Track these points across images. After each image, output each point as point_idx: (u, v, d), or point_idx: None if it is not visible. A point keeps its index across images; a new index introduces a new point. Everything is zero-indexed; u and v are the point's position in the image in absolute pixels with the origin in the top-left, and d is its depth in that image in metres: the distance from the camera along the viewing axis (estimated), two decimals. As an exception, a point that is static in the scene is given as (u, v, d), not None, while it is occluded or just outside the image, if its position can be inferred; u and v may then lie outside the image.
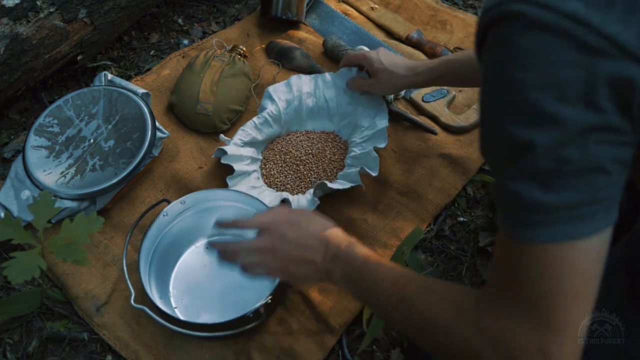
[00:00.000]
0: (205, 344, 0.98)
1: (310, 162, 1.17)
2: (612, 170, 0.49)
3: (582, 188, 0.49)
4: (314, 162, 1.17)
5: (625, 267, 0.73)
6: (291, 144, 1.20)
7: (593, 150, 0.48)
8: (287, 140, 1.22)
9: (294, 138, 1.22)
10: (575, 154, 0.48)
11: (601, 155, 0.48)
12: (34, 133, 1.14)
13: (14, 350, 1.00)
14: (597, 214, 0.50)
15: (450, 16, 1.55)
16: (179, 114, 1.28)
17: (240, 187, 1.11)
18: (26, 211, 1.06)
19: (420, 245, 1.13)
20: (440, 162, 1.22)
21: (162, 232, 1.04)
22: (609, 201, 0.51)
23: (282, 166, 1.18)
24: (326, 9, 1.54)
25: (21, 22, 1.17)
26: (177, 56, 1.41)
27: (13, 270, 0.82)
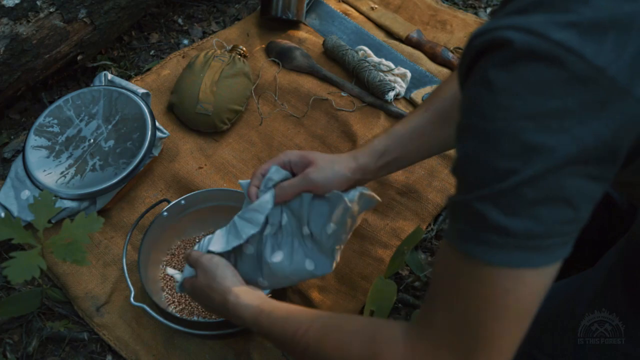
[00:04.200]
0: (205, 343, 0.99)
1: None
2: (581, 206, 0.49)
3: (547, 219, 0.48)
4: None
5: (624, 267, 0.73)
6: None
7: (568, 183, 0.47)
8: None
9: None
10: (550, 185, 0.47)
11: (574, 189, 0.48)
12: (34, 133, 1.14)
13: (14, 350, 1.00)
14: (554, 246, 0.49)
15: (450, 16, 1.55)
16: (179, 114, 1.28)
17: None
18: (26, 211, 1.06)
19: (420, 245, 1.13)
20: (440, 162, 1.22)
21: (162, 232, 1.04)
22: (569, 236, 0.50)
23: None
24: (326, 9, 1.54)
25: (21, 22, 1.17)
26: (177, 56, 1.41)
27: (13, 270, 0.82)
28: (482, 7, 1.64)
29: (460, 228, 0.52)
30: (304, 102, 1.32)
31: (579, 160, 0.46)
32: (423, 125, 0.85)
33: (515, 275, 0.50)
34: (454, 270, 0.53)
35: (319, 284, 1.05)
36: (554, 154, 0.46)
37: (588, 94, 0.45)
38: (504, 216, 0.48)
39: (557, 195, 0.47)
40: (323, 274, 0.84)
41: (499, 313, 0.51)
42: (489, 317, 0.51)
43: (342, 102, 1.32)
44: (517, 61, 0.46)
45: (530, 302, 0.51)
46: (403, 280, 1.08)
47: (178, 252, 1.08)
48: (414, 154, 0.86)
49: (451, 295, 0.54)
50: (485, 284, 0.51)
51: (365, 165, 0.84)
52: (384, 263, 1.07)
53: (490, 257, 0.50)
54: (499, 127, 0.48)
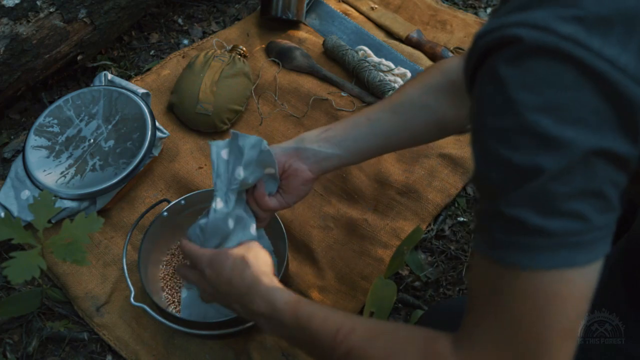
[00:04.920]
0: (205, 343, 0.99)
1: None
2: (611, 196, 0.48)
3: (583, 213, 0.47)
4: None
5: (624, 267, 0.73)
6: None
7: (595, 174, 0.47)
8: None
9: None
10: (577, 178, 0.46)
11: (602, 179, 0.47)
12: (34, 133, 1.14)
13: (14, 350, 1.00)
14: (596, 241, 0.48)
15: (450, 16, 1.55)
16: (179, 114, 1.28)
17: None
18: (26, 211, 1.06)
19: (420, 245, 1.13)
20: (440, 162, 1.22)
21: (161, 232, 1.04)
22: (607, 229, 0.49)
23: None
24: (326, 9, 1.54)
25: (21, 22, 1.17)
26: (177, 56, 1.41)
27: (13, 270, 0.82)
28: (482, 7, 1.64)
29: (492, 238, 0.50)
30: (304, 102, 1.32)
31: (601, 150, 0.46)
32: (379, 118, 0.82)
33: (560, 277, 0.48)
34: (494, 283, 0.51)
35: (319, 284, 1.05)
36: (575, 146, 0.46)
37: (600, 84, 0.45)
38: (538, 217, 0.47)
39: (587, 187, 0.47)
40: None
41: (550, 320, 0.49)
42: (539, 326, 0.49)
43: (342, 102, 1.32)
44: (527, 57, 0.46)
45: (580, 307, 0.49)
46: (403, 280, 1.08)
47: (178, 252, 1.08)
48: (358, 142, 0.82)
49: (496, 311, 0.51)
50: (531, 292, 0.48)
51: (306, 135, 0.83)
52: (384, 263, 1.07)
53: (531, 261, 0.48)
54: (515, 122, 0.47)
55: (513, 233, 0.49)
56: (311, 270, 1.07)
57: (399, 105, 0.83)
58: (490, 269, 0.51)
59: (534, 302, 0.49)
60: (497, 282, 0.50)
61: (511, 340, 0.50)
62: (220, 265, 0.74)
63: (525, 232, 0.48)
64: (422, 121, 0.82)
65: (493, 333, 0.51)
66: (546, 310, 0.48)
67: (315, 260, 1.08)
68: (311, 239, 1.10)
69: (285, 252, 0.96)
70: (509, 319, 0.50)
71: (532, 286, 0.48)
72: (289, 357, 0.97)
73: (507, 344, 0.50)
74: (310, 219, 1.13)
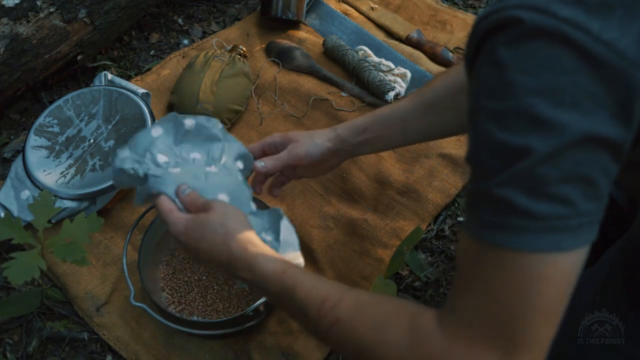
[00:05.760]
0: (205, 343, 0.99)
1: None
2: (600, 182, 0.48)
3: (571, 198, 0.47)
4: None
5: (624, 266, 0.73)
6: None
7: (586, 159, 0.47)
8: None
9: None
10: (568, 162, 0.47)
11: (592, 165, 0.47)
12: (34, 133, 1.14)
13: (14, 350, 1.00)
14: (582, 227, 0.49)
15: (450, 16, 1.55)
16: (179, 114, 1.28)
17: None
18: (26, 211, 1.06)
19: (420, 245, 1.13)
20: (440, 162, 1.22)
21: (161, 232, 1.04)
22: (594, 216, 0.49)
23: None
24: (326, 9, 1.54)
25: (21, 22, 1.17)
26: (177, 56, 1.41)
27: (13, 270, 0.82)
28: (482, 7, 1.64)
29: (480, 217, 0.51)
30: (304, 102, 1.32)
31: (594, 135, 0.46)
32: (408, 111, 0.87)
33: (545, 261, 0.48)
34: (479, 262, 0.52)
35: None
36: (568, 130, 0.46)
37: (597, 68, 0.45)
38: (526, 198, 0.47)
39: (576, 172, 0.47)
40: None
41: (531, 301, 0.49)
42: (520, 306, 0.50)
43: (342, 102, 1.32)
44: (526, 39, 0.47)
45: (563, 289, 0.50)
46: (403, 280, 1.08)
47: (178, 252, 1.08)
48: (394, 137, 0.89)
49: (480, 288, 0.52)
50: (515, 273, 0.49)
51: (344, 137, 0.89)
52: (384, 263, 1.07)
53: (517, 243, 0.48)
54: (511, 104, 0.47)
55: (500, 214, 0.49)
56: (311, 270, 1.07)
57: (432, 106, 0.86)
58: (476, 248, 0.52)
59: (517, 282, 0.49)
60: (483, 261, 0.51)
61: (493, 318, 0.51)
62: (198, 234, 0.70)
63: (512, 214, 0.48)
64: (455, 122, 0.86)
65: (476, 310, 0.52)
66: (528, 291, 0.49)
67: (315, 260, 1.08)
68: (311, 239, 1.10)
69: (285, 252, 0.96)
70: (491, 297, 0.51)
71: (516, 267, 0.49)
72: (289, 357, 0.97)
73: (488, 321, 0.51)
74: (310, 219, 1.13)
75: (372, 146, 0.91)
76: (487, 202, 0.50)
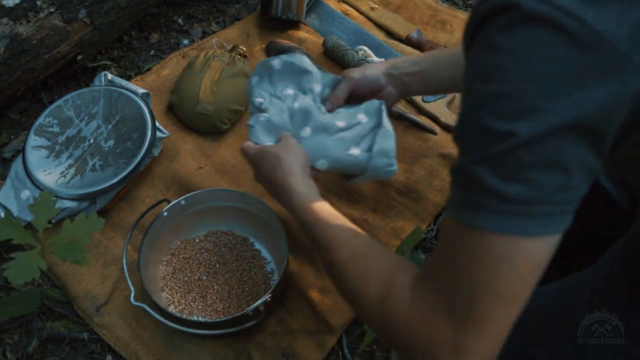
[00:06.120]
0: (205, 343, 0.99)
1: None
2: (576, 173, 0.49)
3: (542, 184, 0.48)
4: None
5: (624, 266, 0.73)
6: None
7: (565, 149, 0.48)
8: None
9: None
10: (547, 149, 0.48)
11: (570, 155, 0.48)
12: (34, 133, 1.14)
13: (14, 350, 1.00)
14: (549, 215, 0.49)
15: (450, 16, 1.55)
16: (179, 114, 1.28)
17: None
18: (26, 211, 1.06)
19: (420, 245, 1.13)
20: (440, 162, 1.22)
21: (161, 232, 1.04)
22: (565, 206, 0.50)
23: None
24: (326, 9, 1.54)
25: (21, 22, 1.17)
26: (177, 56, 1.41)
27: (13, 271, 0.82)
28: (482, 7, 1.64)
29: (458, 194, 0.53)
30: (304, 102, 1.32)
31: (576, 125, 0.47)
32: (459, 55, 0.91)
33: (509, 244, 0.50)
34: (451, 236, 0.54)
35: (319, 284, 1.05)
36: (552, 118, 0.47)
37: (588, 59, 0.46)
38: (498, 180, 0.49)
39: (553, 160, 0.48)
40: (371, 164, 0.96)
41: (489, 281, 0.51)
42: (479, 284, 0.51)
43: (342, 102, 1.32)
44: (521, 24, 0.47)
45: (525, 275, 0.51)
46: (403, 280, 1.08)
47: (178, 252, 1.08)
48: (444, 77, 1.00)
49: (448, 261, 0.55)
50: (479, 251, 0.51)
51: (396, 63, 1.01)
52: (384, 263, 1.07)
53: (484, 223, 0.50)
54: (499, 89, 0.49)
55: (472, 192, 0.51)
56: (311, 270, 1.07)
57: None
58: (451, 223, 0.54)
59: (480, 262, 0.51)
60: (454, 236, 0.54)
61: (453, 292, 0.54)
62: (259, 161, 0.89)
63: (483, 193, 0.50)
64: None
65: (441, 282, 0.55)
66: (488, 272, 0.51)
67: (315, 260, 1.08)
68: (311, 239, 1.10)
69: (285, 252, 0.96)
70: (455, 272, 0.53)
71: (481, 247, 0.51)
72: (289, 357, 0.97)
73: (449, 294, 0.54)
74: (310, 219, 1.13)
75: (423, 82, 1.00)
76: (463, 179, 0.53)
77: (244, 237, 1.11)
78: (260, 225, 1.07)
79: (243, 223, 1.10)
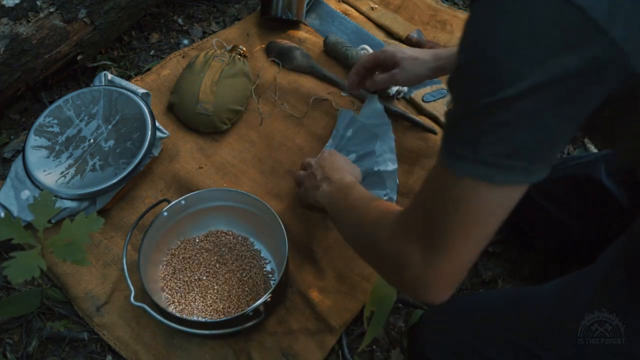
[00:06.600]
0: (205, 343, 0.99)
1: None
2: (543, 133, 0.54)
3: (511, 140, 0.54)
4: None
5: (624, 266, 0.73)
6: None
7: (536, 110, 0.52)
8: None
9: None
10: (519, 109, 0.52)
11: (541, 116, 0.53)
12: (34, 133, 1.14)
13: (14, 350, 1.00)
14: (516, 168, 0.56)
15: (450, 16, 1.55)
16: (179, 114, 1.28)
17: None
18: (26, 211, 1.06)
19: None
20: (440, 162, 1.21)
21: (161, 232, 1.04)
22: (533, 163, 0.56)
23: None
24: (326, 9, 1.54)
25: (21, 22, 1.17)
26: (177, 56, 1.41)
27: (13, 270, 0.82)
28: (482, 7, 1.64)
29: (443, 137, 0.61)
30: (304, 102, 1.32)
31: (549, 88, 0.51)
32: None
33: (476, 186, 0.57)
34: (433, 175, 0.64)
35: (319, 284, 1.05)
36: (526, 80, 0.51)
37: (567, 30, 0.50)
38: (472, 131, 0.56)
39: (524, 119, 0.53)
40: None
41: (458, 216, 0.60)
42: (451, 218, 0.60)
43: (342, 102, 1.32)
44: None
45: (487, 215, 0.59)
46: (403, 280, 1.08)
47: (178, 252, 1.08)
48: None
49: (426, 196, 0.65)
50: (449, 190, 0.60)
51: (443, 67, 1.09)
52: (384, 263, 1.07)
53: (456, 167, 0.58)
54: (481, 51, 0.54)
55: (451, 138, 0.60)
56: (311, 270, 1.07)
57: None
58: (436, 165, 0.63)
59: (450, 199, 0.60)
60: (433, 176, 0.64)
61: (429, 220, 0.63)
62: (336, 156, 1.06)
63: (458, 141, 0.58)
64: None
65: (415, 211, 0.67)
66: (457, 208, 0.60)
67: (315, 260, 1.08)
68: (311, 239, 1.10)
69: (285, 252, 0.96)
70: (426, 203, 0.64)
71: (451, 186, 0.59)
72: (289, 357, 0.97)
73: (425, 222, 0.63)
74: (310, 219, 1.13)
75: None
76: (450, 124, 0.60)
77: (244, 237, 1.11)
78: (260, 225, 1.07)
79: (243, 223, 1.10)
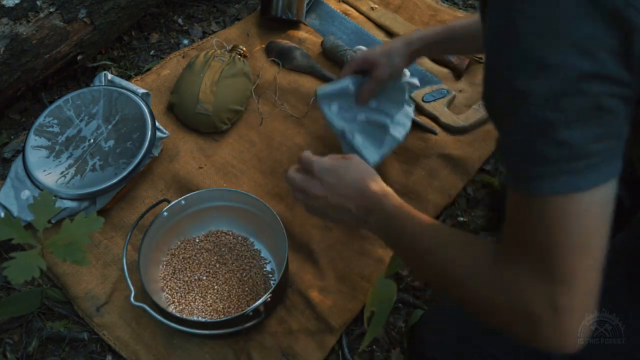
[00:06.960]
0: (205, 343, 0.99)
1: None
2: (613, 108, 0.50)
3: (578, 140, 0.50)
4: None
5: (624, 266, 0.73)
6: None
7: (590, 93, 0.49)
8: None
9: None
10: (573, 101, 0.49)
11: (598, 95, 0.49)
12: (34, 133, 1.14)
13: (14, 350, 1.00)
14: (596, 166, 0.51)
15: (450, 16, 1.55)
16: (179, 114, 1.28)
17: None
18: (26, 211, 1.06)
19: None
20: (440, 163, 1.22)
21: (161, 232, 1.04)
22: (608, 153, 0.51)
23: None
24: (326, 9, 1.54)
25: (21, 22, 1.17)
26: (177, 56, 1.41)
27: (13, 270, 0.82)
28: (482, 7, 1.64)
29: (506, 164, 0.56)
30: (304, 102, 1.32)
31: (596, 76, 0.48)
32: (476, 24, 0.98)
33: (567, 202, 0.52)
34: (513, 206, 0.57)
35: (319, 284, 1.05)
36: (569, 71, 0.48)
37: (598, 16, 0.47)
38: (538, 143, 0.51)
39: (583, 107, 0.49)
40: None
41: (560, 238, 0.53)
42: (552, 242, 0.53)
43: (342, 102, 1.32)
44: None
45: (593, 224, 0.53)
46: (403, 280, 1.08)
47: (178, 252, 1.08)
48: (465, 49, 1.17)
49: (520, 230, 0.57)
50: (541, 215, 0.53)
51: (418, 50, 1.10)
52: (383, 263, 1.07)
53: (536, 189, 0.52)
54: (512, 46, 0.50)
55: (517, 160, 0.54)
56: (311, 270, 1.07)
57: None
58: (511, 194, 0.57)
59: (546, 223, 0.53)
60: (515, 205, 0.57)
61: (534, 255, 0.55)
62: (343, 169, 0.84)
63: (526, 160, 0.53)
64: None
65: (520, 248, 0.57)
66: (553, 229, 0.53)
67: (315, 260, 1.08)
68: (311, 239, 1.10)
69: (285, 252, 0.96)
70: (530, 237, 0.56)
71: (541, 210, 0.53)
72: (289, 357, 0.97)
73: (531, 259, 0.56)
74: (310, 219, 1.13)
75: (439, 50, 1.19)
76: (507, 150, 0.55)
77: (244, 237, 1.11)
78: (260, 225, 1.07)
79: (243, 223, 1.10)
